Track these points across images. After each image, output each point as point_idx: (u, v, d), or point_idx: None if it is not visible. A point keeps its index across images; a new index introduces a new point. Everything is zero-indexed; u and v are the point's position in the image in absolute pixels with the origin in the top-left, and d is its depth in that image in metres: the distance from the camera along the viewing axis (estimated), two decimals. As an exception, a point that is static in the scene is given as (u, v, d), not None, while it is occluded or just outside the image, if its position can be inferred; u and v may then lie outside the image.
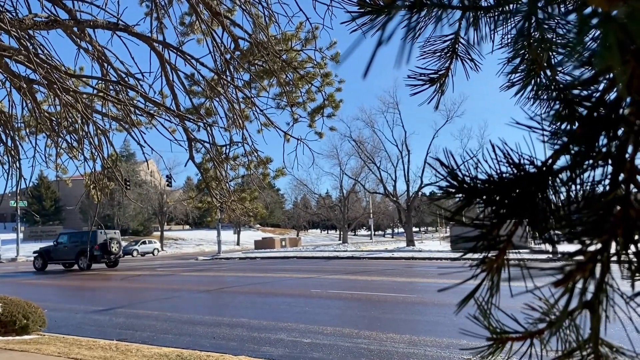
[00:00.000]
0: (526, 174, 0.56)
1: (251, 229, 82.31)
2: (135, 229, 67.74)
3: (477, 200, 0.58)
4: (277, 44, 6.10)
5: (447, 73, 0.94)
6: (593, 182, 0.52)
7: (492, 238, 0.57)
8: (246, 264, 33.12)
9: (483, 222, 0.58)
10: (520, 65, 0.78)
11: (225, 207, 7.54)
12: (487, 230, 0.57)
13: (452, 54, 0.92)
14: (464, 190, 0.58)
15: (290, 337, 9.45)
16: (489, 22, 0.78)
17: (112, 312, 13.60)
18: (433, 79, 0.94)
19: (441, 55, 0.92)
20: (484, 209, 0.59)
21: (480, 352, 0.61)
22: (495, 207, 0.57)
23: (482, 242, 0.57)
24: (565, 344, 0.56)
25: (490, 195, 0.57)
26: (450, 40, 0.91)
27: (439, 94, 0.95)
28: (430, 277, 20.65)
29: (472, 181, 0.58)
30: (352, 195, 67.99)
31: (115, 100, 4.66)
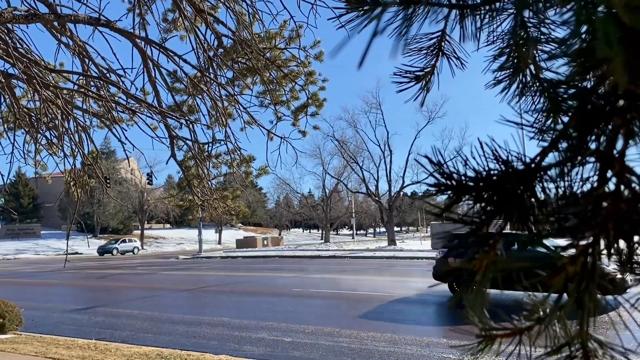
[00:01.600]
0: (515, 171, 0.56)
1: (233, 228, 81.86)
2: (115, 227, 66.83)
3: (467, 197, 0.58)
4: (260, 42, 6.07)
5: (432, 71, 0.94)
6: (582, 178, 0.52)
7: (483, 234, 0.57)
8: (228, 263, 32.95)
9: (472, 218, 0.58)
10: (507, 62, 0.79)
11: (207, 206, 7.48)
12: (477, 227, 0.57)
13: (438, 52, 0.92)
14: (454, 187, 0.58)
15: (271, 336, 9.43)
16: (474, 20, 0.78)
17: (91, 311, 13.41)
18: (419, 77, 0.93)
19: (427, 53, 0.92)
20: (473, 206, 0.59)
21: (470, 349, 0.61)
22: (484, 203, 0.57)
23: (472, 239, 0.58)
24: (553, 340, 0.57)
25: (479, 192, 0.57)
26: (436, 38, 0.91)
27: (425, 92, 0.95)
28: (411, 275, 20.78)
29: (461, 178, 0.58)
30: (334, 195, 68.08)
31: (97, 97, 4.58)
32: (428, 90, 0.95)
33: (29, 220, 67.12)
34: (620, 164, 0.48)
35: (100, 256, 48.32)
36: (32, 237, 61.65)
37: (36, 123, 5.31)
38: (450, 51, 0.93)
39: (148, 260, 39.41)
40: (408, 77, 0.93)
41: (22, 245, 56.14)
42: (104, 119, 5.52)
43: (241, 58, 6.15)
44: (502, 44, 0.80)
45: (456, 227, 2.90)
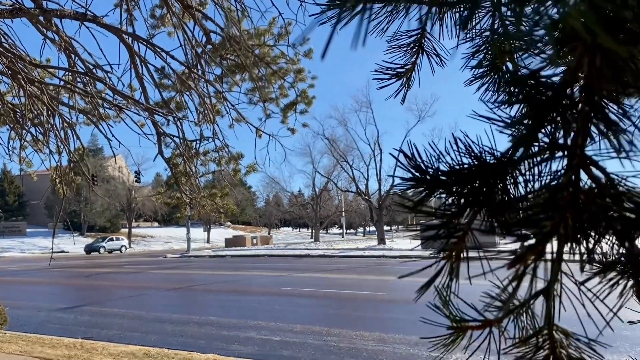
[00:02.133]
0: (485, 165, 0.57)
1: (222, 227, 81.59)
2: (102, 225, 66.29)
3: (439, 191, 0.59)
4: (249, 38, 6.05)
5: (413, 68, 0.94)
6: (550, 172, 0.53)
7: (452, 226, 0.58)
8: (216, 262, 32.84)
9: (444, 211, 0.58)
10: (485, 60, 0.80)
11: (195, 204, 7.43)
12: (448, 220, 0.58)
13: (419, 49, 0.93)
14: (426, 181, 0.58)
15: (259, 335, 9.41)
16: (454, 17, 0.79)
17: (77, 310, 13.29)
18: (399, 73, 0.94)
19: (407, 50, 0.93)
20: (446, 200, 0.59)
21: (441, 342, 0.62)
22: (456, 197, 0.58)
23: (443, 231, 0.58)
24: (522, 331, 0.58)
25: (451, 186, 0.57)
26: (416, 35, 0.92)
27: (406, 88, 0.96)
28: (400, 274, 20.83)
29: (434, 172, 0.58)
30: (324, 194, 68.09)
31: (83, 93, 4.53)
32: (409, 87, 0.96)
33: (15, 218, 66.37)
34: (580, 155, 0.49)
35: (87, 255, 47.93)
36: (17, 235, 61.01)
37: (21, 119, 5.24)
38: (431, 48, 0.94)
39: (135, 259, 39.15)
40: (389, 74, 0.94)
41: (7, 244, 55.49)
42: (91, 115, 5.47)
43: (230, 55, 6.13)
44: (480, 41, 0.81)
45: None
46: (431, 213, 0.59)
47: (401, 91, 0.95)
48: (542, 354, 0.55)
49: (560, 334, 0.55)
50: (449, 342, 0.62)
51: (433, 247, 0.60)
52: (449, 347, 0.63)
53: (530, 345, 0.56)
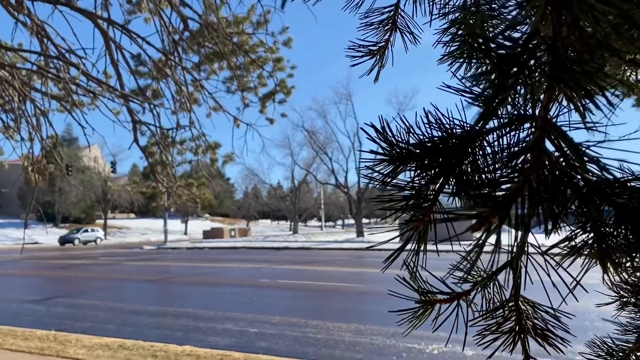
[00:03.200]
0: (455, 137, 0.56)
1: (200, 219, 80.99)
2: (77, 216, 65.11)
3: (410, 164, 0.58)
4: (228, 26, 5.96)
5: (386, 45, 0.93)
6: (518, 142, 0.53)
7: (421, 197, 0.57)
8: (194, 253, 32.60)
9: (412, 184, 0.58)
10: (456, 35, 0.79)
11: (171, 193, 7.33)
12: (417, 192, 0.57)
13: (392, 26, 0.92)
14: (397, 154, 0.58)
15: (237, 327, 9.39)
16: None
17: (50, 302, 13.07)
18: (372, 51, 0.93)
19: (380, 27, 0.92)
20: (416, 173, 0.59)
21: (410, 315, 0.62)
22: (425, 169, 0.57)
23: (411, 202, 0.58)
24: (489, 303, 0.58)
25: (421, 158, 0.57)
26: (389, 12, 0.91)
27: (379, 67, 0.95)
28: (378, 267, 21.00)
29: (404, 145, 0.58)
30: (303, 186, 68.10)
31: (56, 78, 4.40)
32: (383, 66, 0.95)
33: (-14, 208, 64.78)
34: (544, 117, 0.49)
35: (61, 246, 47.10)
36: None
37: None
38: (404, 26, 0.93)
39: (111, 250, 38.62)
40: (362, 52, 0.92)
41: (-22, 235, 54.16)
42: (64, 102, 5.33)
43: (207, 42, 6.03)
44: (453, 16, 0.80)
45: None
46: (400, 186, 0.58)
47: (375, 69, 0.94)
48: (508, 325, 0.55)
49: (526, 305, 0.56)
50: (417, 315, 0.62)
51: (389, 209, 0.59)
52: (417, 321, 0.62)
53: (497, 317, 0.56)
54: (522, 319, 0.55)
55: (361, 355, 7.47)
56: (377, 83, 0.94)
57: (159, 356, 7.22)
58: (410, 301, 0.65)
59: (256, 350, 7.78)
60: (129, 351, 7.48)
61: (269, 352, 7.61)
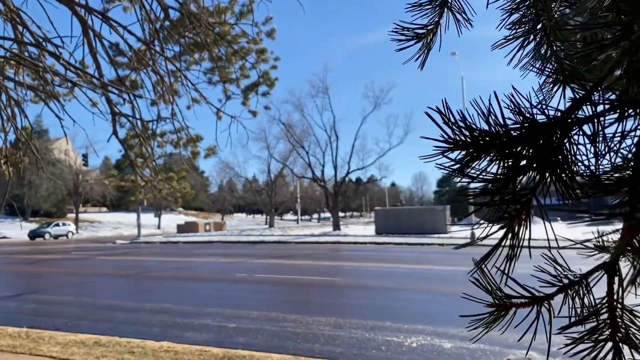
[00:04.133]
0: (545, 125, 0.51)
1: (173, 213, 79.93)
2: (47, 210, 63.48)
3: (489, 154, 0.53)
4: (210, 16, 5.81)
5: (435, 29, 0.86)
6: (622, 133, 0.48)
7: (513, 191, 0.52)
8: (168, 248, 32.19)
9: (497, 176, 0.53)
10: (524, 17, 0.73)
11: (151, 187, 7.15)
12: (503, 184, 0.52)
13: (443, 7, 0.85)
14: (474, 143, 0.52)
15: (215, 322, 9.28)
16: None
17: (21, 298, 12.70)
18: (419, 35, 0.86)
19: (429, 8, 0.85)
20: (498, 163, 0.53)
21: (481, 320, 0.57)
22: (512, 159, 0.52)
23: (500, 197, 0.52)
24: (574, 309, 0.53)
25: (506, 147, 0.51)
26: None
27: (425, 52, 0.88)
28: (355, 260, 21.11)
29: (480, 133, 0.52)
30: (279, 180, 67.89)
31: (32, 66, 4.20)
32: (429, 50, 0.88)
33: (-49, 202, 62.58)
34: None
35: (31, 240, 45.93)
36: None
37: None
38: (457, 6, 0.86)
39: (83, 244, 37.84)
40: (407, 36, 0.85)
41: (-57, 229, 52.36)
42: (40, 92, 5.11)
43: (189, 32, 5.88)
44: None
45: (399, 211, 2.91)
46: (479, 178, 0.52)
47: (420, 55, 0.87)
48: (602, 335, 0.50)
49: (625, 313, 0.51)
50: (490, 320, 0.57)
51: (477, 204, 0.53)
52: (489, 326, 0.57)
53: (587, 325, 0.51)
54: (621, 327, 0.50)
55: (340, 349, 7.46)
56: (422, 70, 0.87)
57: (136, 352, 7.07)
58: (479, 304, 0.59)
59: (235, 345, 7.70)
60: (105, 348, 7.31)
61: (248, 347, 7.54)
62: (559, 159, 0.50)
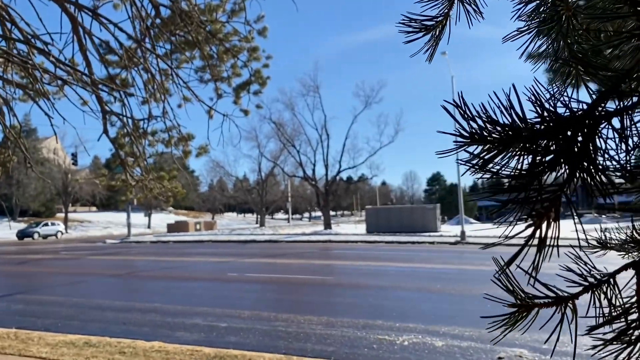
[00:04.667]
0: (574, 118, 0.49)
1: (164, 212, 79.53)
2: (36, 210, 62.84)
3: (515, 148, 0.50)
4: (201, 13, 5.76)
5: (445, 20, 0.84)
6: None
7: (540, 188, 0.50)
8: (158, 247, 32.00)
9: (521, 171, 0.51)
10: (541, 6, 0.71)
11: (142, 186, 7.06)
12: (528, 181, 0.50)
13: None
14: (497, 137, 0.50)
15: (206, 322, 9.23)
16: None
17: (9, 298, 12.55)
18: (428, 27, 0.84)
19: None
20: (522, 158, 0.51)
21: (503, 321, 0.55)
22: (537, 154, 0.50)
23: (526, 194, 0.50)
24: (601, 309, 0.52)
25: (532, 141, 0.49)
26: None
27: (434, 45, 0.86)
28: (346, 259, 21.11)
29: (503, 127, 0.50)
30: (270, 179, 67.79)
31: (20, 62, 4.13)
32: (438, 43, 0.86)
33: (-62, 201, 61.78)
34: None
35: (19, 240, 45.46)
36: None
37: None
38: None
39: (73, 244, 37.50)
40: (415, 27, 0.83)
41: None
42: (29, 90, 5.02)
43: (180, 30, 5.82)
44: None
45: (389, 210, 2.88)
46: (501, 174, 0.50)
47: (429, 48, 0.85)
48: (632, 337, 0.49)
49: None
50: (512, 321, 0.55)
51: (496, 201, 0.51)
52: (511, 327, 0.56)
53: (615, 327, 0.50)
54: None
55: (332, 347, 7.45)
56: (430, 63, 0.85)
57: (127, 353, 7.01)
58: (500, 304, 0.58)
59: (226, 345, 7.66)
60: (95, 348, 7.24)
61: (240, 346, 7.50)
62: (589, 153, 0.48)
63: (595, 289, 0.51)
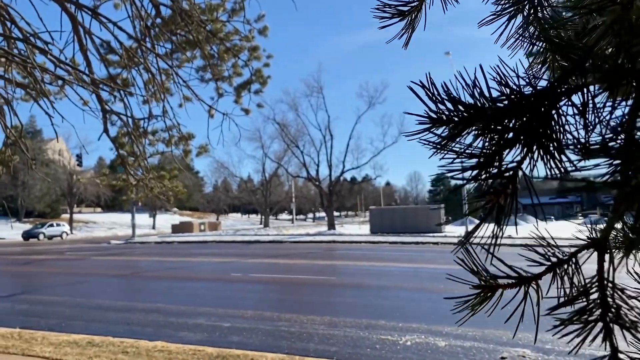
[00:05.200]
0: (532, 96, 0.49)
1: (168, 213, 79.70)
2: (41, 211, 63.11)
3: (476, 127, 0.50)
4: (201, 13, 5.77)
5: (420, 5, 0.84)
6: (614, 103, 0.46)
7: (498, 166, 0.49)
8: (163, 248, 32.07)
9: (482, 150, 0.50)
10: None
11: (142, 186, 7.07)
12: (488, 159, 0.50)
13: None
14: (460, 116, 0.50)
15: (209, 322, 9.24)
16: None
17: (13, 298, 12.61)
18: (402, 12, 0.84)
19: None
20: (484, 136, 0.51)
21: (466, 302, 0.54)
22: (497, 133, 0.50)
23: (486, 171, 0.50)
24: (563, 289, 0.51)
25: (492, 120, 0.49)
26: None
27: (410, 31, 0.86)
28: (350, 259, 21.09)
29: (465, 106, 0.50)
30: (274, 179, 67.81)
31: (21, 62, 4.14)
32: (413, 29, 0.85)
33: (-56, 203, 62.11)
34: None
35: (25, 241, 45.67)
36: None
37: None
38: None
39: (77, 245, 37.64)
40: (390, 13, 0.83)
41: None
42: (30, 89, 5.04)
43: (180, 30, 5.83)
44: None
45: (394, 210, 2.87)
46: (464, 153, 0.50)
47: (404, 33, 0.85)
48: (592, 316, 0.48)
49: (617, 293, 0.49)
50: (475, 302, 0.54)
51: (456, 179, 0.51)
52: (475, 308, 0.55)
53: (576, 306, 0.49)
54: (610, 309, 0.48)
55: (335, 347, 7.44)
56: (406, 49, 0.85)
57: (130, 352, 7.03)
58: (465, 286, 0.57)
59: (229, 344, 7.66)
60: (99, 348, 7.26)
61: (242, 346, 7.50)
62: (546, 130, 0.47)
63: (558, 269, 0.51)
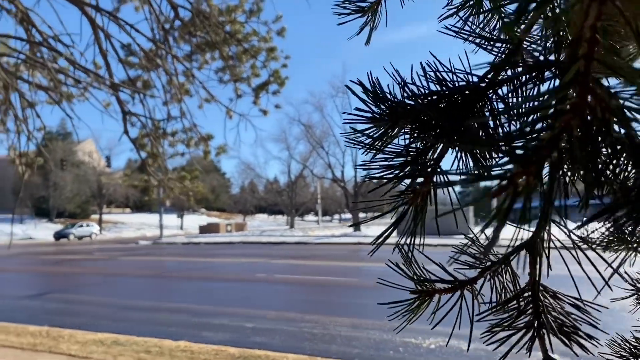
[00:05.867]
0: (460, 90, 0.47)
1: (196, 214, 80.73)
2: (72, 211, 64.66)
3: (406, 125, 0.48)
4: (219, 14, 5.82)
5: (379, 2, 0.82)
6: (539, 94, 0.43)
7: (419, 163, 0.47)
8: (189, 248, 32.49)
9: (408, 148, 0.48)
10: None
11: (163, 186, 7.18)
12: (414, 157, 0.48)
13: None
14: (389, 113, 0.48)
15: (232, 322, 9.31)
16: None
17: (44, 297, 12.96)
18: (363, 8, 0.82)
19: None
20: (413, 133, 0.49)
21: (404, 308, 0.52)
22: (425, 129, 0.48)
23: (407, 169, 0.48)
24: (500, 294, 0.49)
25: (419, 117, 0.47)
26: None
27: (370, 26, 0.84)
28: (375, 261, 20.97)
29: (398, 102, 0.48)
30: (300, 180, 67.96)
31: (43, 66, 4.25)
32: (374, 26, 0.84)
33: (-20, 204, 64.26)
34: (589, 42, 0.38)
35: (56, 241, 46.87)
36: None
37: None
38: None
39: (106, 245, 38.46)
40: (349, 9, 0.81)
41: (-28, 230, 53.76)
42: (52, 92, 5.17)
43: (199, 31, 5.89)
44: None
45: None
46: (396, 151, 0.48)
47: (366, 29, 0.83)
48: (524, 319, 0.46)
49: (547, 296, 0.46)
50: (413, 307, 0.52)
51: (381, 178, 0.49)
52: (413, 314, 0.53)
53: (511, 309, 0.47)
54: (542, 312, 0.46)
55: (358, 350, 7.41)
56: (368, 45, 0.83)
57: (152, 352, 7.14)
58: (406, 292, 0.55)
59: (251, 345, 7.70)
60: (123, 347, 7.40)
61: (265, 347, 7.53)
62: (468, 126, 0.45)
63: (492, 272, 0.48)
